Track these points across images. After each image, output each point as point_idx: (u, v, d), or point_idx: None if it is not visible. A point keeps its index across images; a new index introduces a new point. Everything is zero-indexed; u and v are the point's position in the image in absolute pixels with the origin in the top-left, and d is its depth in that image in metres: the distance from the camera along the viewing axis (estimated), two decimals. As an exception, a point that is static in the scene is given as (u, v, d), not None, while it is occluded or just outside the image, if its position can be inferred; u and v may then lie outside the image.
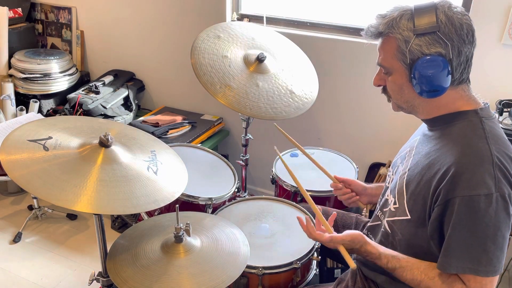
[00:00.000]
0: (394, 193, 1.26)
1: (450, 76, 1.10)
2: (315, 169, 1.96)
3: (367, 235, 1.39)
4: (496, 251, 1.05)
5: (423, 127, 1.28)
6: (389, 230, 1.26)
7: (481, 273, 1.06)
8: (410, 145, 1.31)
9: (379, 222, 1.33)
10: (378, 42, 1.19)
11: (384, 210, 1.31)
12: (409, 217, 1.18)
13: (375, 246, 1.23)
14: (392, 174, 1.35)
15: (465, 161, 1.06)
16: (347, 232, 1.24)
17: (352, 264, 1.19)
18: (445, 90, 1.11)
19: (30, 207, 2.67)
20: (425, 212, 1.14)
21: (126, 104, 2.77)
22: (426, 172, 1.14)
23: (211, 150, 2.06)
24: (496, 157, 1.06)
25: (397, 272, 1.19)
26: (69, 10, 2.98)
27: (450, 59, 1.09)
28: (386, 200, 1.31)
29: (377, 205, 1.40)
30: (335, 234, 1.24)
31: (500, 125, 1.22)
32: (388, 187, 1.34)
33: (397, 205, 1.23)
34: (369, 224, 1.41)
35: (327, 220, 1.31)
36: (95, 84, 2.70)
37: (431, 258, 1.16)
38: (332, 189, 1.82)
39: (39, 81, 2.71)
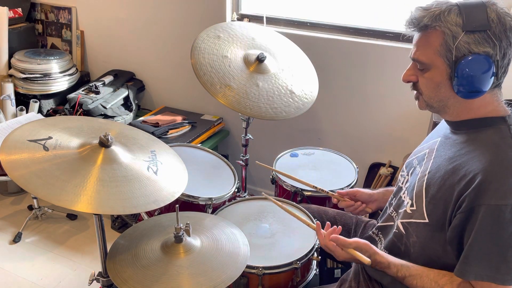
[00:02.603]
0: (412, 195, 1.23)
1: (493, 78, 1.06)
2: (315, 169, 1.98)
3: (377, 235, 1.39)
4: None
5: (444, 128, 1.25)
6: (404, 231, 1.24)
7: (497, 281, 1.05)
8: (429, 146, 1.27)
9: (392, 223, 1.31)
10: (416, 34, 1.14)
11: (399, 211, 1.29)
12: (427, 220, 1.16)
13: (383, 255, 1.23)
14: (407, 175, 1.32)
15: (493, 170, 1.04)
16: (355, 239, 1.24)
17: (366, 260, 1.19)
18: (484, 92, 1.08)
19: (30, 207, 2.67)
20: (446, 218, 1.11)
21: (126, 104, 2.77)
22: (450, 177, 1.11)
23: (211, 150, 2.05)
24: None
25: (407, 280, 1.18)
26: (69, 10, 2.98)
27: (497, 61, 1.05)
28: (402, 201, 1.29)
29: (389, 205, 1.38)
30: (341, 237, 1.24)
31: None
32: (401, 187, 1.32)
33: (414, 208, 1.21)
34: (379, 223, 1.39)
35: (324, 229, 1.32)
36: (95, 84, 2.70)
37: (444, 262, 1.15)
38: (332, 189, 1.83)
39: (39, 81, 2.71)
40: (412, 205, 1.22)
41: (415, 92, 1.21)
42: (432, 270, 1.16)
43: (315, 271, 1.56)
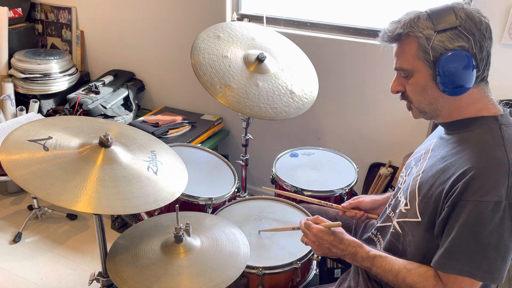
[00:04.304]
0: (406, 194, 1.25)
1: (475, 71, 1.09)
2: (315, 169, 1.98)
3: (376, 235, 1.40)
4: (497, 260, 1.05)
5: (440, 130, 1.27)
6: (400, 231, 1.26)
7: (477, 277, 1.06)
8: (425, 147, 1.30)
9: (390, 223, 1.33)
10: (394, 46, 1.18)
11: (396, 211, 1.30)
12: (419, 219, 1.18)
13: (354, 238, 1.28)
14: (405, 176, 1.34)
15: (481, 167, 1.05)
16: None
17: (336, 223, 1.29)
18: (470, 87, 1.10)
19: (30, 207, 2.67)
20: (436, 215, 1.13)
21: (126, 104, 2.77)
22: (441, 176, 1.13)
23: (211, 150, 2.05)
24: None
25: (377, 261, 1.21)
26: (69, 10, 2.98)
27: (474, 53, 1.08)
28: (398, 201, 1.31)
29: (388, 206, 1.39)
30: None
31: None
32: (400, 187, 1.34)
33: (408, 207, 1.22)
34: (378, 224, 1.40)
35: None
36: (95, 84, 2.70)
37: None
38: (332, 189, 1.83)
39: (39, 81, 2.71)
40: (406, 204, 1.24)
41: (406, 102, 1.24)
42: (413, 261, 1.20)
43: (315, 271, 1.56)
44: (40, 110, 2.67)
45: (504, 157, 1.06)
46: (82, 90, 2.70)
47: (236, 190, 1.85)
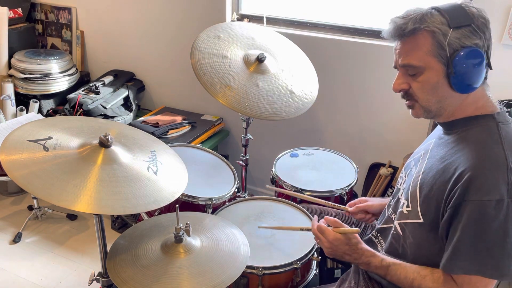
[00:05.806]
0: (407, 196, 1.24)
1: (486, 68, 1.09)
2: (315, 169, 1.98)
3: (376, 237, 1.39)
4: (504, 257, 1.05)
5: (438, 130, 1.27)
6: (401, 233, 1.25)
7: (486, 275, 1.06)
8: (424, 147, 1.29)
9: (391, 225, 1.32)
10: (398, 43, 1.14)
11: (397, 211, 1.30)
12: (421, 220, 1.17)
13: (369, 247, 1.26)
14: (405, 176, 1.34)
15: (479, 166, 1.05)
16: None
17: (355, 230, 1.26)
18: (480, 84, 1.10)
19: (30, 207, 2.67)
20: (438, 216, 1.13)
21: (126, 104, 2.77)
22: (441, 176, 1.13)
23: (211, 150, 2.05)
24: (511, 163, 1.05)
25: (391, 269, 1.21)
26: (69, 10, 2.98)
27: (486, 51, 1.08)
28: (399, 202, 1.30)
29: (387, 207, 1.38)
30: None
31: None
32: (399, 188, 1.33)
33: (410, 208, 1.22)
34: (379, 226, 1.40)
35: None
36: (95, 84, 2.70)
37: (440, 262, 1.15)
38: (332, 189, 1.83)
39: (39, 81, 2.71)
40: (408, 206, 1.23)
41: (407, 101, 1.20)
42: (415, 264, 1.20)
43: (315, 271, 1.56)
44: (40, 110, 2.67)
45: (502, 155, 1.06)
46: (82, 90, 2.70)
47: (236, 190, 1.85)
